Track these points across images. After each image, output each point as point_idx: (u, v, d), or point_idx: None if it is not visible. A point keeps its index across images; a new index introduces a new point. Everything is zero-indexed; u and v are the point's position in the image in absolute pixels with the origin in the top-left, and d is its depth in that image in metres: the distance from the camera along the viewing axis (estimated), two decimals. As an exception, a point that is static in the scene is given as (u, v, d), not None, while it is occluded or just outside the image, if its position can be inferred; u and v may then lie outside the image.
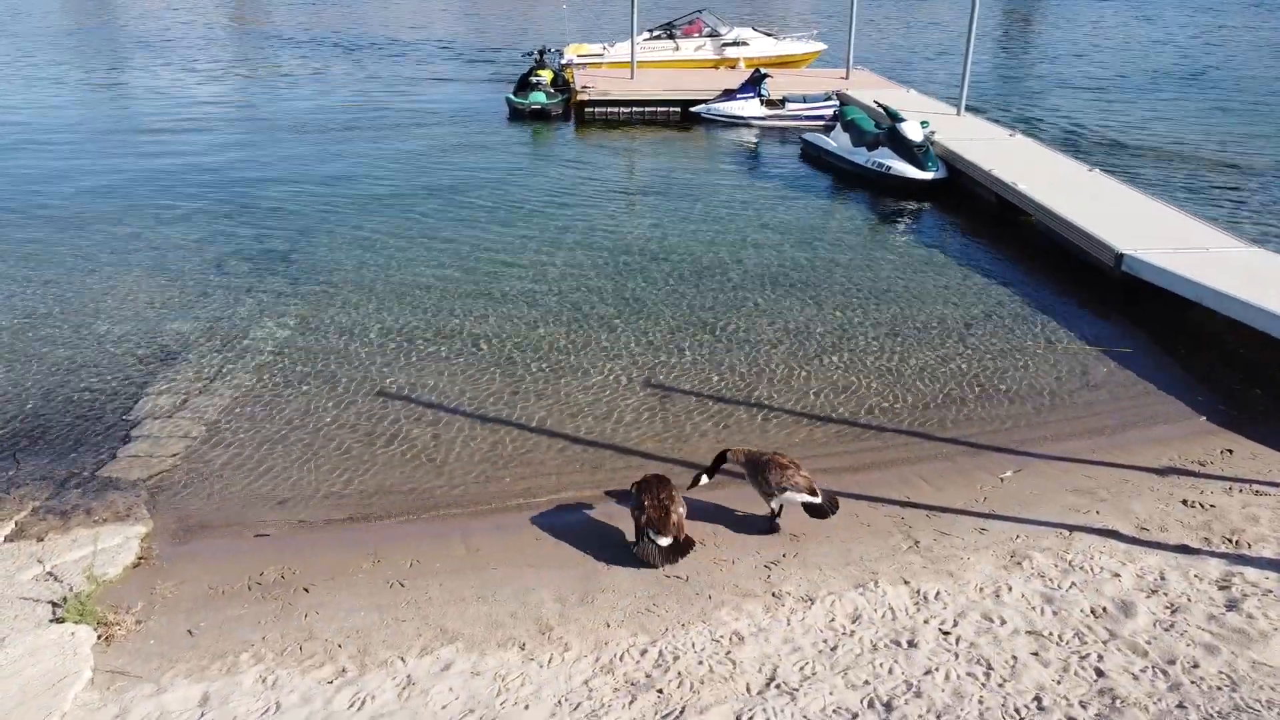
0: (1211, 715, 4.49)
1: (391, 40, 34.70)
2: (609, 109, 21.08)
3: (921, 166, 15.10)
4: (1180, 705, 4.58)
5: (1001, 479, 7.23)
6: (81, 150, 18.04)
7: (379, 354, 9.42)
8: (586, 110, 21.01)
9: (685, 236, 13.05)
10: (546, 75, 21.57)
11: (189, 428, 8.12)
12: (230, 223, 13.57)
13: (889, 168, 15.31)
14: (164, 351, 9.49)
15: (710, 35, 24.78)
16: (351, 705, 4.84)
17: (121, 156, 17.55)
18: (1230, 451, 7.57)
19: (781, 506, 6.57)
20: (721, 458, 6.70)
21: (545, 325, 10.09)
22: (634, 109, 21.10)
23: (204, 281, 11.31)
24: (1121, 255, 10.79)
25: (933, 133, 15.87)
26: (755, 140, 19.25)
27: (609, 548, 6.34)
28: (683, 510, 6.16)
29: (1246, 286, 9.47)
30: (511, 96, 21.28)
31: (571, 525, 6.68)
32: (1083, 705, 4.62)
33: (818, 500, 6.35)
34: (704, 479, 6.73)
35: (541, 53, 22.60)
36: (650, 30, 25.17)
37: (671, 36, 24.89)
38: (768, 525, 6.55)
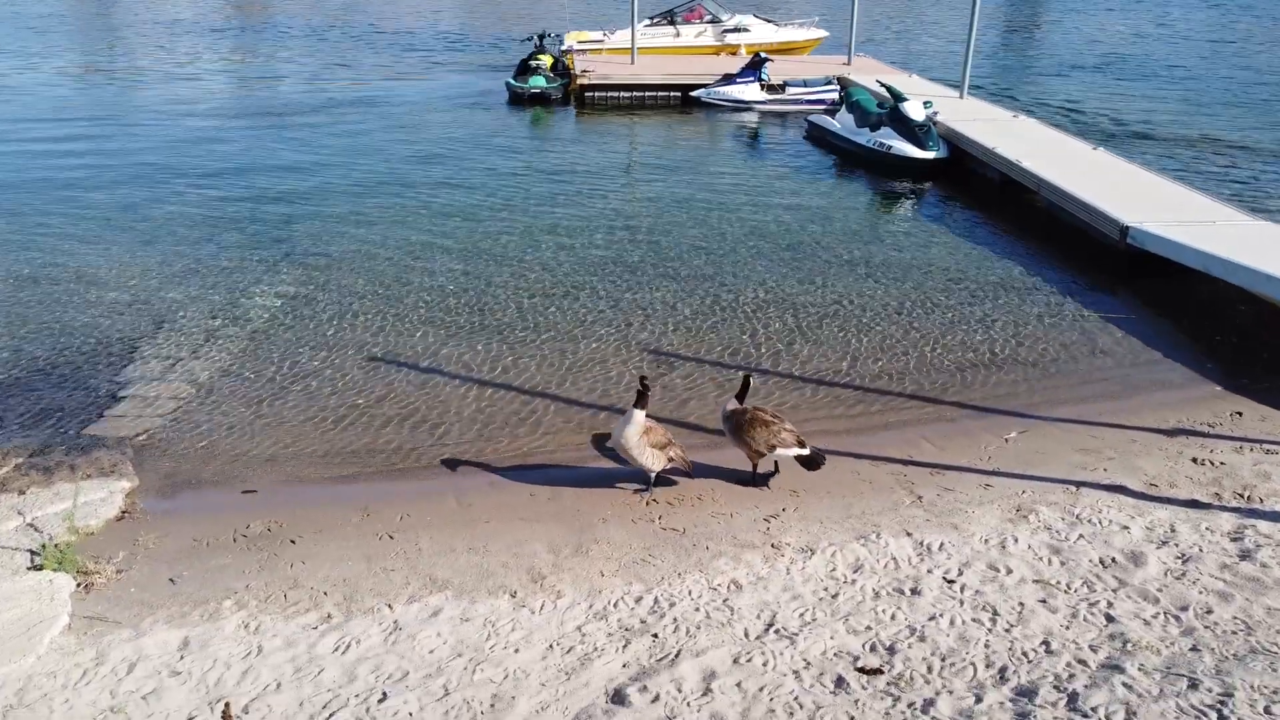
0: (1227, 657, 4.33)
1: (392, 28, 34.56)
2: (609, 93, 20.93)
3: (923, 146, 14.93)
4: (1194, 648, 4.42)
5: (1006, 439, 7.07)
6: (80, 129, 17.88)
7: (373, 321, 9.27)
8: (586, 94, 20.86)
9: (686, 213, 12.89)
10: (546, 60, 21.42)
11: (178, 389, 7.96)
12: (226, 199, 13.42)
13: (891, 147, 15.14)
14: (155, 318, 9.34)
15: (711, 21, 24.63)
16: (336, 649, 4.68)
17: (121, 136, 17.40)
18: (1239, 414, 7.41)
19: (776, 463, 6.45)
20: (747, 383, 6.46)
21: (543, 294, 9.93)
22: (634, 93, 20.96)
23: (198, 252, 11.16)
24: (1127, 228, 10.62)
25: (935, 113, 15.71)
26: (756, 124, 19.09)
27: (604, 503, 6.19)
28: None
29: (1254, 255, 9.30)
30: (511, 81, 21.12)
31: (567, 482, 6.53)
32: (1093, 649, 4.46)
33: (808, 452, 6.21)
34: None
35: (541, 37, 22.44)
36: (651, 17, 25.02)
37: (672, 22, 24.75)
38: (752, 480, 6.40)
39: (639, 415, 5.99)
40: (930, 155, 14.88)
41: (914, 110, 15.21)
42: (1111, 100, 21.20)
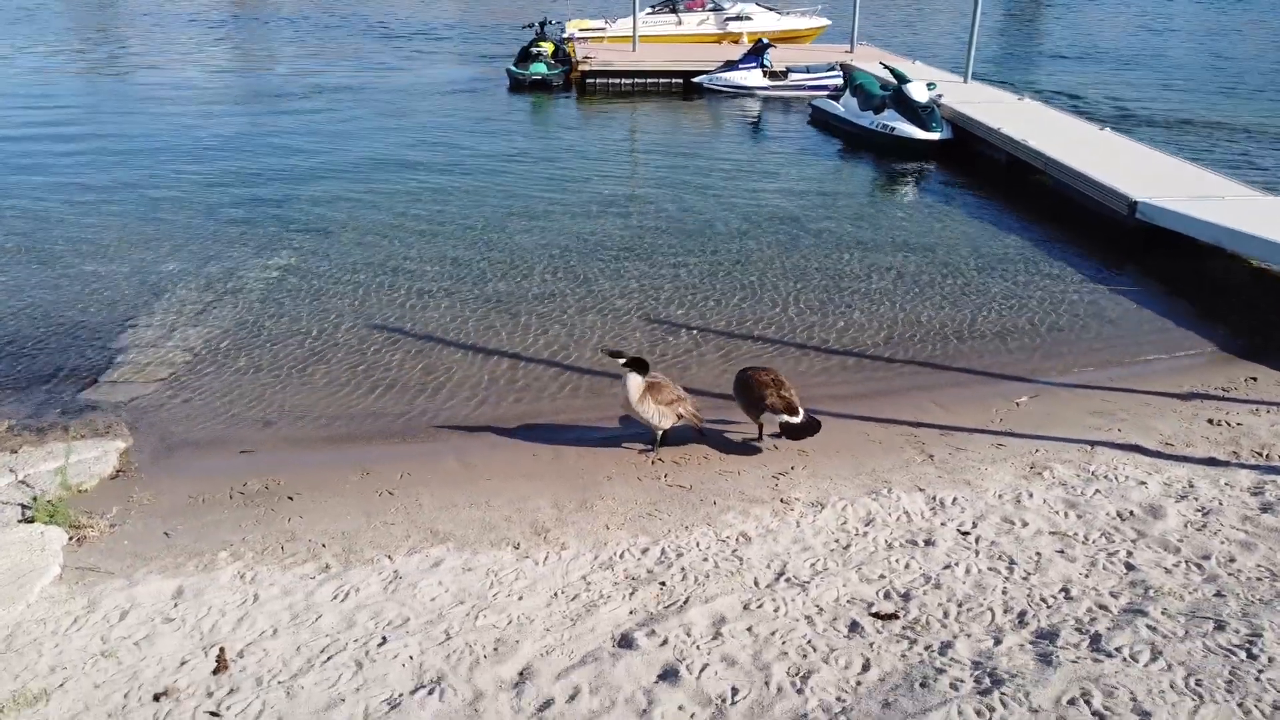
0: (1253, 602, 4.20)
1: (391, 17, 34.44)
2: (610, 80, 20.80)
3: (926, 127, 14.81)
4: (1219, 594, 4.29)
5: (1017, 403, 6.94)
6: (77, 115, 17.76)
7: (374, 293, 9.14)
8: (588, 81, 20.73)
9: (689, 194, 12.77)
10: (548, 47, 21.30)
11: (174, 356, 7.84)
12: (225, 180, 13.29)
13: (893, 129, 15.03)
14: (153, 288, 9.21)
15: (714, 9, 24.51)
16: (335, 597, 4.55)
17: (119, 121, 17.29)
18: (1254, 379, 7.28)
19: (784, 425, 6.30)
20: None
21: (545, 267, 9.81)
22: (635, 80, 20.83)
23: (196, 228, 11.03)
24: (1136, 203, 10.49)
25: (939, 95, 15.60)
26: (758, 110, 18.97)
27: (609, 462, 6.06)
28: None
29: (1268, 229, 9.15)
30: (512, 67, 21.01)
31: (570, 443, 6.40)
32: (1114, 595, 4.33)
33: (796, 420, 5.96)
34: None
35: (542, 24, 22.33)
36: (652, 5, 24.91)
37: (674, 10, 24.63)
38: (758, 440, 6.26)
39: (634, 376, 5.92)
40: (934, 136, 14.76)
41: (917, 92, 15.09)
42: (1114, 88, 21.07)
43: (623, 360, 5.94)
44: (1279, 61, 25.40)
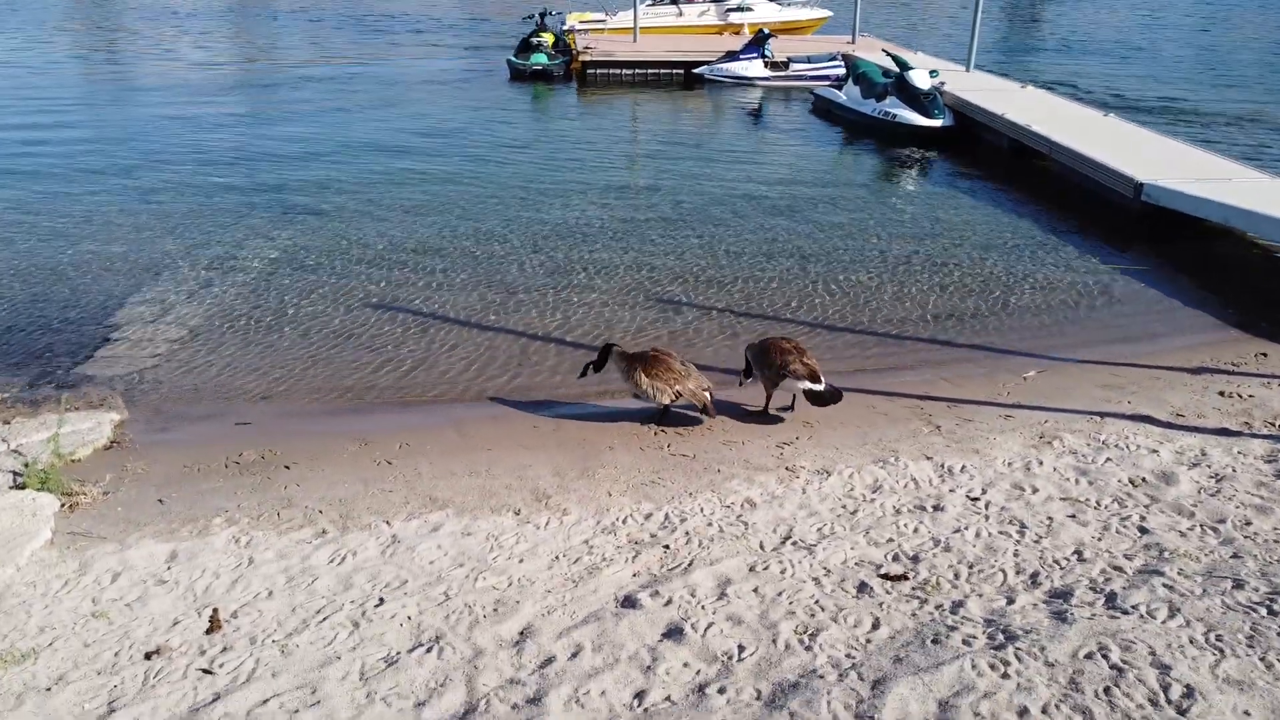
0: (1271, 562, 4.10)
1: (391, 11, 34.33)
2: (611, 70, 20.71)
3: (928, 114, 14.72)
4: (1235, 556, 4.19)
5: (1025, 378, 6.84)
6: (77, 104, 17.68)
7: (372, 272, 9.05)
8: (588, 71, 20.64)
9: (691, 179, 12.69)
10: (548, 38, 21.23)
11: (171, 332, 7.74)
12: (225, 164, 13.24)
13: (895, 115, 14.93)
14: (151, 267, 9.12)
15: (715, 1, 24.41)
16: (332, 561, 4.45)
17: (119, 110, 17.22)
18: (1264, 355, 7.18)
19: (794, 397, 6.21)
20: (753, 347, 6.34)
21: (546, 249, 9.72)
22: (636, 70, 20.74)
23: (195, 211, 10.95)
24: (1142, 185, 10.40)
25: (942, 83, 15.50)
26: (760, 100, 18.88)
27: (610, 433, 5.97)
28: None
29: (1277, 208, 9.04)
30: (513, 58, 20.93)
31: (570, 416, 6.30)
32: (1128, 557, 4.23)
33: (820, 388, 5.91)
34: (745, 381, 6.35)
35: (543, 15, 22.24)
36: (653, -5, 24.84)
37: (675, 1, 24.52)
38: (763, 411, 6.17)
39: (616, 356, 6.06)
40: (936, 123, 14.67)
41: (919, 79, 15.01)
42: (1115, 79, 20.98)
43: (593, 368, 6.21)
44: (1275, 53, 25.31)
